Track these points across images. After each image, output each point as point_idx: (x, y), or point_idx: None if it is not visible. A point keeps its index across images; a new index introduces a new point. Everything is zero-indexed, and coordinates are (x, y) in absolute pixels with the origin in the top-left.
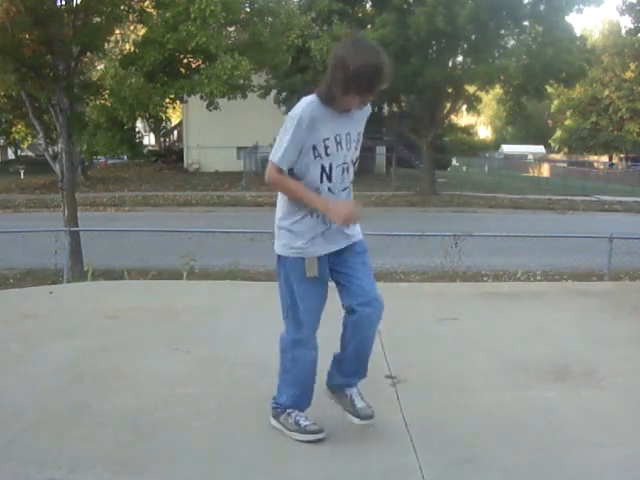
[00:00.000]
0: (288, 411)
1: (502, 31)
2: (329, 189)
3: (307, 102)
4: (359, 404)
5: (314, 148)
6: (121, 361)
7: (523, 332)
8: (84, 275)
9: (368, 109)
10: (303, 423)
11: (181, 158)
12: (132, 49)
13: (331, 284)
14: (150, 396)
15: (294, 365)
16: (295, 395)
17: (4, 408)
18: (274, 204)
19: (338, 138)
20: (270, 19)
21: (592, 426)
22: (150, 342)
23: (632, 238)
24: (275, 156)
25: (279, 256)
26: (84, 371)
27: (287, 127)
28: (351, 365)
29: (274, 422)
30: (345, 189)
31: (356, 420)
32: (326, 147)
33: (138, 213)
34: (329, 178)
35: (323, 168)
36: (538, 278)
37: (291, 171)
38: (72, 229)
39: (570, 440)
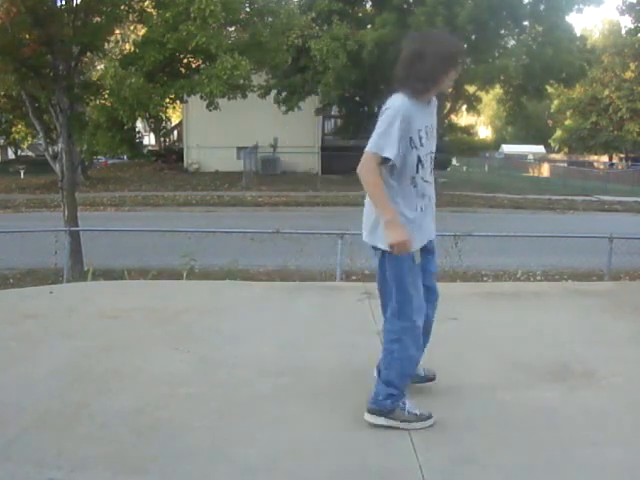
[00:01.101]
0: (401, 405)
1: (502, 31)
2: (422, 178)
3: (402, 99)
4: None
5: (411, 140)
6: (121, 361)
7: (523, 332)
8: (84, 275)
9: (436, 102)
10: (419, 412)
11: (181, 158)
12: (132, 49)
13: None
14: (150, 396)
15: (408, 352)
16: (405, 383)
17: (4, 408)
18: (274, 204)
19: (426, 129)
20: (270, 19)
21: (592, 426)
22: (150, 342)
23: (632, 238)
24: (376, 147)
25: (386, 252)
26: (84, 371)
27: (390, 122)
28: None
29: (384, 421)
30: (431, 175)
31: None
32: (420, 137)
33: (138, 213)
34: (423, 167)
35: (419, 158)
36: (538, 278)
37: (392, 164)
38: (72, 229)
39: (570, 440)
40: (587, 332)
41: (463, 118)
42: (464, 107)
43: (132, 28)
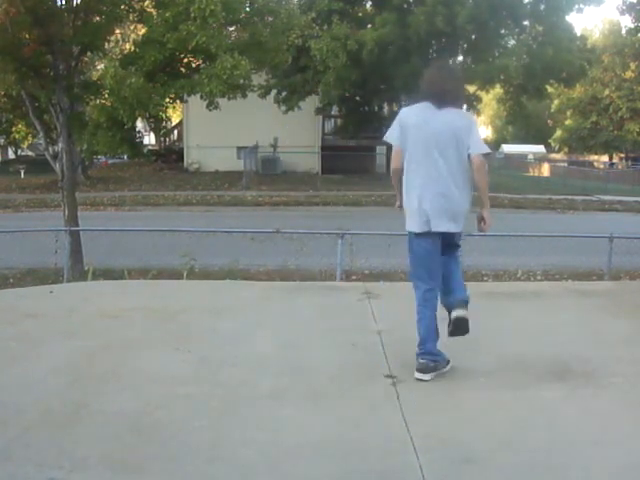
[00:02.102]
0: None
1: (502, 31)
2: None
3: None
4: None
5: None
6: (121, 361)
7: (523, 332)
8: (84, 275)
9: None
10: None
11: (181, 158)
12: (132, 49)
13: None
14: (150, 396)
15: None
16: None
17: (4, 407)
18: (274, 204)
19: None
20: (270, 19)
21: (592, 426)
22: (150, 342)
23: (632, 238)
24: (485, 148)
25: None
26: (84, 371)
27: (477, 127)
28: None
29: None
30: None
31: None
32: None
33: (138, 213)
34: None
35: None
36: (538, 278)
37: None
38: (72, 229)
39: (570, 439)
40: (587, 332)
41: None
42: (464, 107)
43: (132, 28)
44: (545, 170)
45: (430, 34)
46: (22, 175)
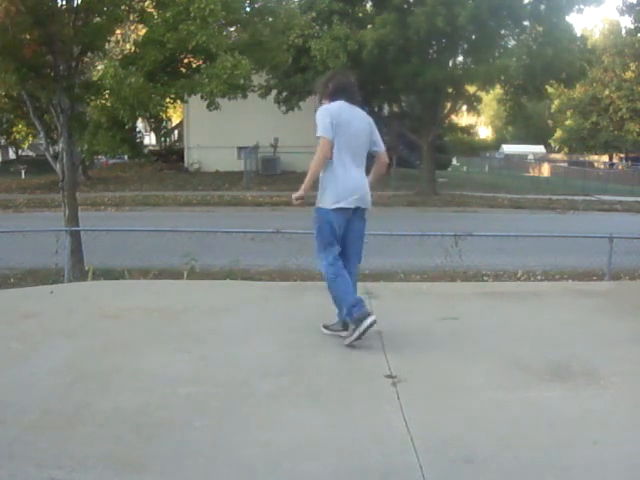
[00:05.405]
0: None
1: (502, 31)
2: None
3: None
4: None
5: None
6: (121, 361)
7: (523, 332)
8: (85, 275)
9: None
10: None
11: (182, 158)
12: (132, 49)
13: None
14: (150, 396)
15: None
16: None
17: (5, 408)
18: (274, 204)
19: None
20: (270, 19)
21: (592, 426)
22: (150, 342)
23: (632, 238)
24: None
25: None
26: (84, 371)
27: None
28: None
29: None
30: None
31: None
32: None
33: (139, 213)
34: None
35: None
36: (538, 278)
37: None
38: (73, 229)
39: (570, 440)
40: (587, 332)
41: (463, 118)
42: (464, 107)
43: (132, 28)
44: (545, 170)
45: (430, 34)
46: (23, 175)
